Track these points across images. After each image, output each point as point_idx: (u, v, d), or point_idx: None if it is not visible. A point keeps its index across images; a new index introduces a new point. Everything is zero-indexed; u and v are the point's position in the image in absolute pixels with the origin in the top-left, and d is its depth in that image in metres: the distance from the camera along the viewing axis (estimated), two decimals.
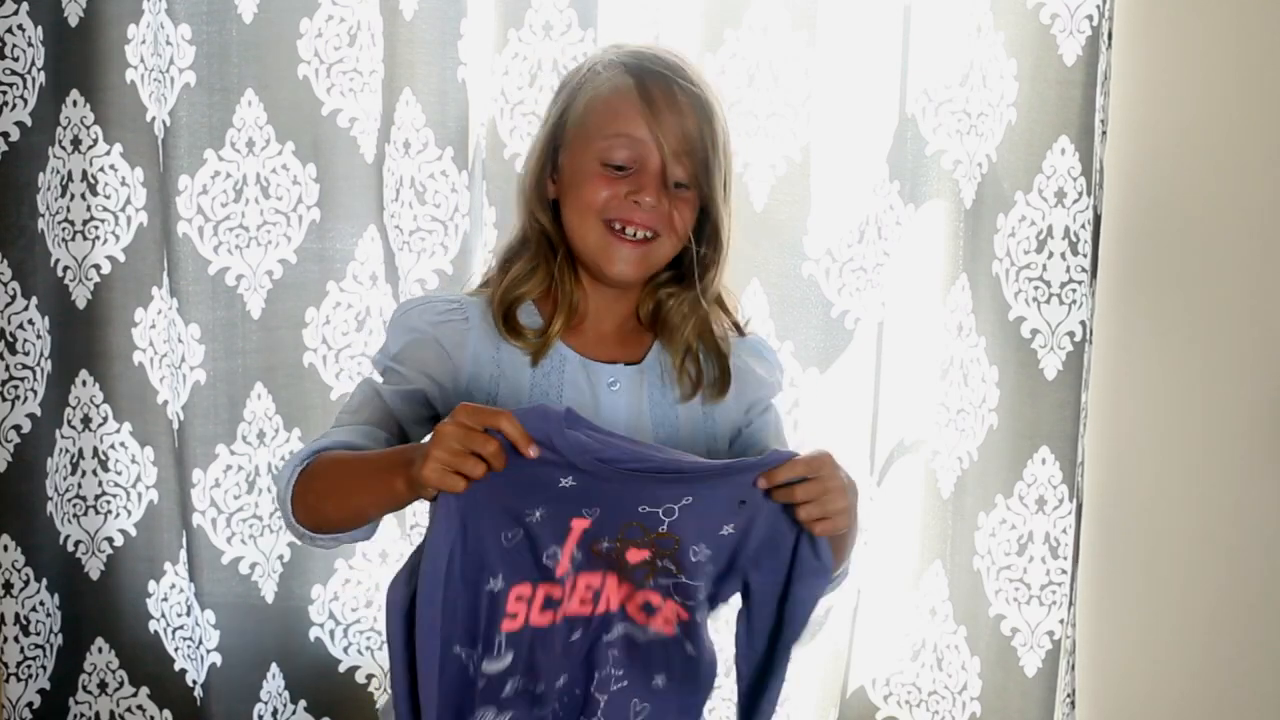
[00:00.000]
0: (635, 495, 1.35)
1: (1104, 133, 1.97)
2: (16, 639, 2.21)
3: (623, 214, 1.44)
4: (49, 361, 2.18)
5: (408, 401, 1.47)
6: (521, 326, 1.47)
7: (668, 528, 1.36)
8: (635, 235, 1.45)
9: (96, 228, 2.18)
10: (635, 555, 1.37)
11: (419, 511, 2.12)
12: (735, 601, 1.44)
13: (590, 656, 1.42)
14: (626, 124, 1.43)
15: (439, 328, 1.47)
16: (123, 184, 2.17)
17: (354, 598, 2.23)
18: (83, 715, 2.28)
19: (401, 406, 1.47)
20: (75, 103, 2.14)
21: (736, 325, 1.57)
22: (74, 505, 2.24)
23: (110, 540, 2.26)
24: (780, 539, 1.38)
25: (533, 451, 1.28)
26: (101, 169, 2.16)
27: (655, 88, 1.43)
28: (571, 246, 1.48)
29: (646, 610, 1.42)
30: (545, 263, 1.49)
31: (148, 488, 2.24)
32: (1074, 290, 1.98)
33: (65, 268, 2.18)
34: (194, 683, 2.24)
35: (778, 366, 1.61)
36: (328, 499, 1.38)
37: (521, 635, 1.39)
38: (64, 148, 2.14)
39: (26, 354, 2.15)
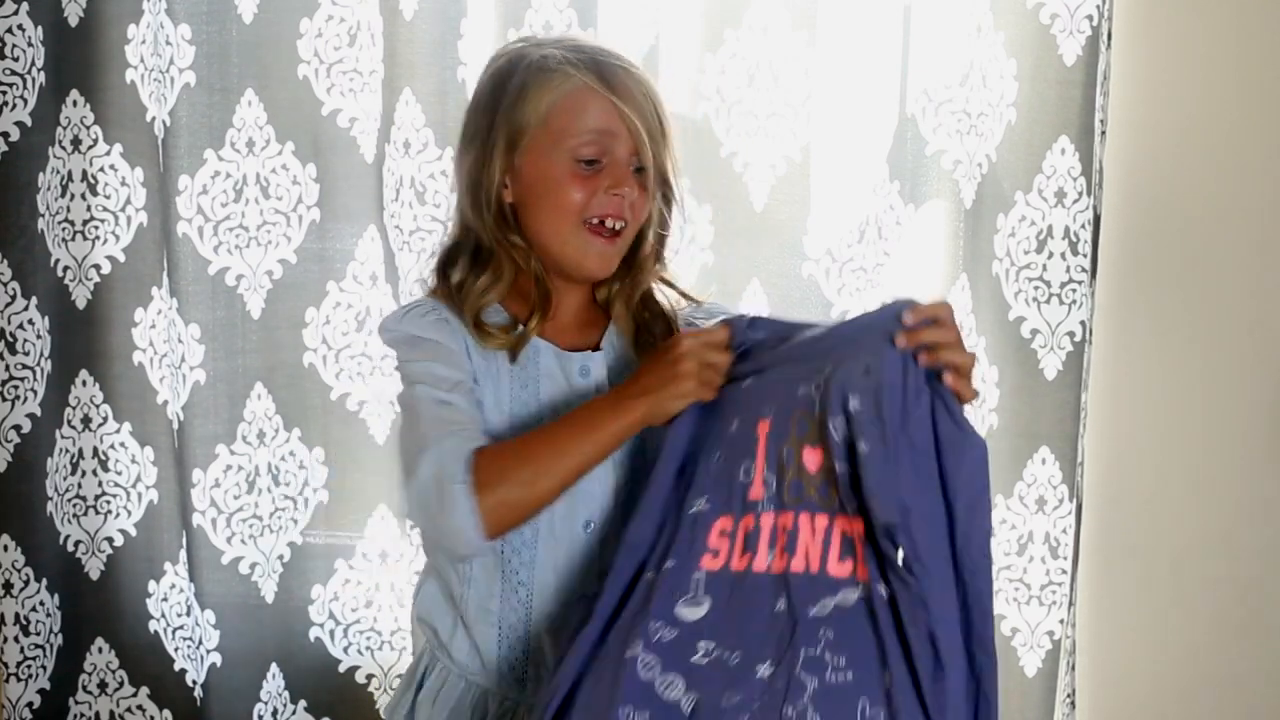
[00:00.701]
0: (794, 375, 1.35)
1: (1104, 133, 1.97)
2: (16, 639, 2.21)
3: (605, 210, 1.44)
4: (49, 361, 2.18)
5: (472, 397, 1.44)
6: (492, 328, 1.46)
7: (819, 405, 1.32)
8: (614, 227, 1.45)
9: (96, 228, 2.18)
10: (811, 459, 1.33)
11: None
12: None
13: (795, 633, 1.31)
14: (597, 119, 1.42)
15: (433, 329, 1.46)
16: (123, 184, 2.17)
17: (354, 598, 2.23)
18: (83, 715, 2.28)
19: (473, 405, 1.44)
20: (75, 103, 2.14)
21: (686, 295, 1.56)
22: (74, 505, 2.24)
23: (110, 540, 2.26)
24: (915, 420, 1.28)
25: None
26: (101, 169, 2.16)
27: (615, 79, 1.42)
28: (540, 249, 1.46)
29: (845, 550, 1.32)
30: (509, 267, 1.46)
31: (148, 488, 2.24)
32: (1074, 290, 1.98)
33: (65, 268, 2.18)
34: (194, 683, 2.24)
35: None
36: (541, 477, 1.36)
37: (721, 579, 1.35)
38: (64, 148, 2.14)
39: (26, 354, 2.15)
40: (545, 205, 1.45)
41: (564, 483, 1.38)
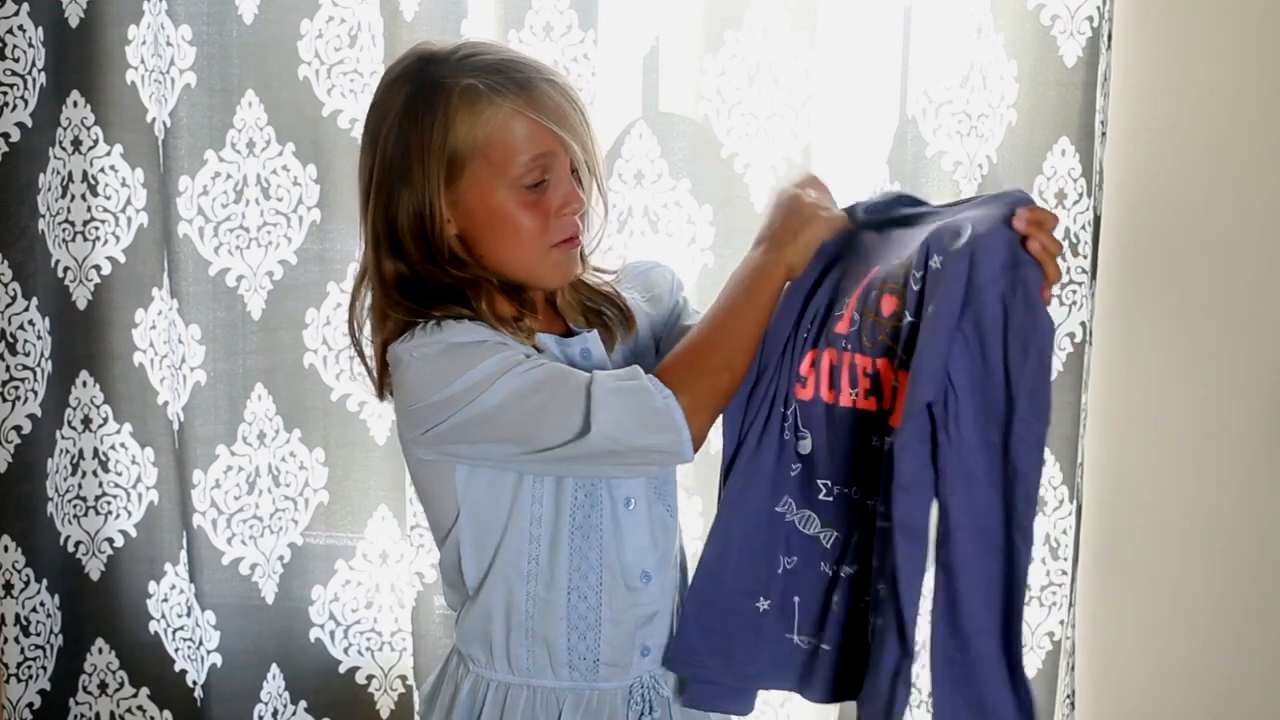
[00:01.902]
0: (914, 233, 1.39)
1: (1104, 134, 1.97)
2: (17, 639, 2.21)
3: (562, 232, 1.42)
4: (49, 362, 2.18)
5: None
6: (513, 328, 1.43)
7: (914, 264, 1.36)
8: (570, 238, 1.44)
9: (97, 228, 2.18)
10: (888, 304, 1.36)
11: (418, 513, 2.12)
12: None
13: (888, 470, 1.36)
14: (535, 145, 1.39)
15: (473, 331, 1.40)
16: (123, 185, 2.17)
17: (354, 598, 2.23)
18: (83, 716, 2.29)
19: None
20: (76, 103, 2.14)
21: (600, 270, 1.55)
22: (74, 506, 2.24)
23: (110, 541, 2.26)
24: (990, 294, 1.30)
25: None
26: (102, 170, 2.16)
27: (543, 99, 1.39)
28: (500, 272, 1.43)
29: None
30: (484, 289, 1.43)
31: (148, 488, 2.25)
32: (1074, 292, 1.99)
33: (66, 268, 2.18)
34: (194, 683, 2.25)
35: (665, 267, 1.62)
36: (735, 355, 1.40)
37: (813, 409, 1.41)
38: (64, 148, 2.15)
39: (27, 355, 2.16)
40: (501, 237, 1.42)
41: (753, 352, 1.42)
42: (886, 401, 1.39)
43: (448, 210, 1.41)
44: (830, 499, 1.43)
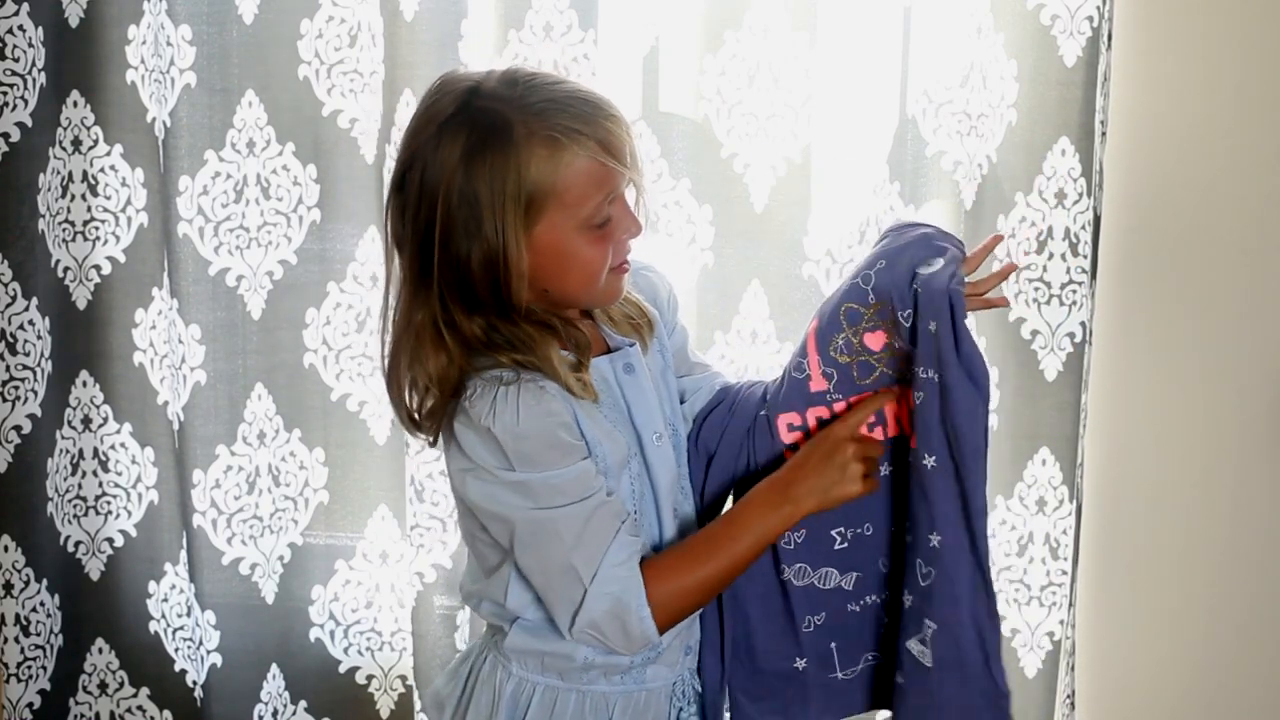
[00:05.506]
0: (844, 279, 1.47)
1: (1104, 134, 1.97)
2: (17, 639, 2.21)
3: (623, 256, 1.45)
4: (49, 362, 2.18)
5: (602, 478, 1.43)
6: (580, 380, 1.43)
7: (874, 296, 1.43)
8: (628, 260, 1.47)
9: (97, 228, 2.18)
10: (875, 340, 1.44)
11: (418, 513, 2.12)
12: None
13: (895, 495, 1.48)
14: (605, 185, 1.39)
15: (552, 416, 1.40)
16: (123, 185, 2.17)
17: (354, 598, 2.23)
18: (83, 716, 2.29)
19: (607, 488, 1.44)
20: (76, 103, 2.14)
21: None
22: (74, 506, 2.24)
23: (110, 541, 2.26)
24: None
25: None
26: (102, 170, 2.16)
27: (611, 138, 1.39)
28: (566, 302, 1.45)
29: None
30: (551, 328, 1.44)
31: (148, 488, 2.25)
32: (1074, 291, 1.99)
33: (66, 268, 2.18)
34: (194, 683, 2.25)
35: (662, 275, 1.63)
36: (712, 582, 1.44)
37: None
38: (64, 148, 2.15)
39: (27, 355, 2.16)
40: (570, 272, 1.42)
41: (733, 579, 1.46)
42: (894, 429, 1.46)
43: (524, 253, 1.39)
44: (846, 545, 1.50)
